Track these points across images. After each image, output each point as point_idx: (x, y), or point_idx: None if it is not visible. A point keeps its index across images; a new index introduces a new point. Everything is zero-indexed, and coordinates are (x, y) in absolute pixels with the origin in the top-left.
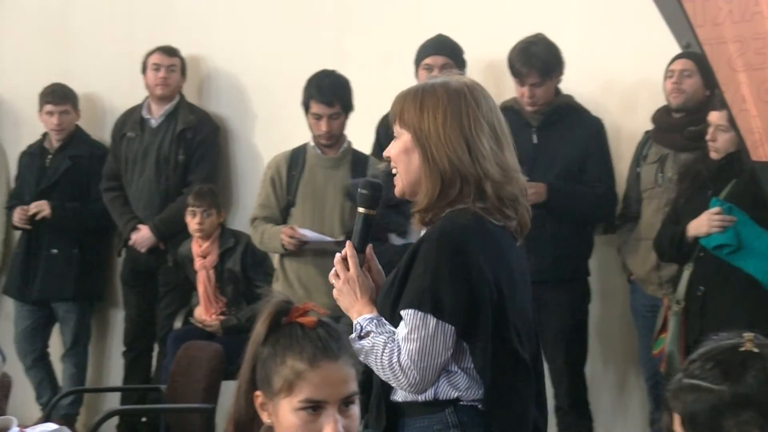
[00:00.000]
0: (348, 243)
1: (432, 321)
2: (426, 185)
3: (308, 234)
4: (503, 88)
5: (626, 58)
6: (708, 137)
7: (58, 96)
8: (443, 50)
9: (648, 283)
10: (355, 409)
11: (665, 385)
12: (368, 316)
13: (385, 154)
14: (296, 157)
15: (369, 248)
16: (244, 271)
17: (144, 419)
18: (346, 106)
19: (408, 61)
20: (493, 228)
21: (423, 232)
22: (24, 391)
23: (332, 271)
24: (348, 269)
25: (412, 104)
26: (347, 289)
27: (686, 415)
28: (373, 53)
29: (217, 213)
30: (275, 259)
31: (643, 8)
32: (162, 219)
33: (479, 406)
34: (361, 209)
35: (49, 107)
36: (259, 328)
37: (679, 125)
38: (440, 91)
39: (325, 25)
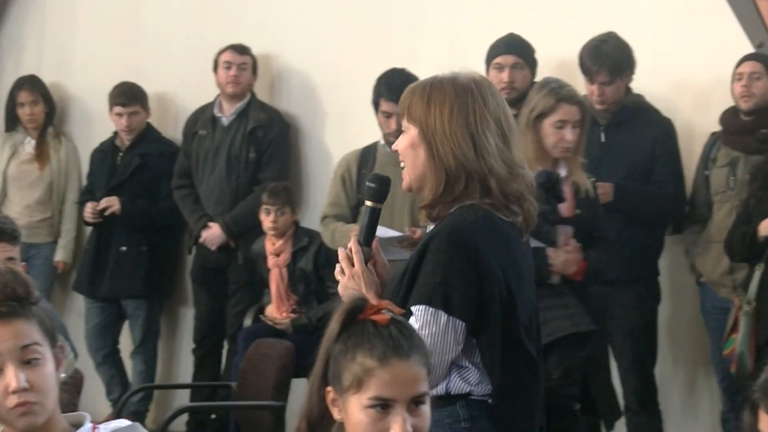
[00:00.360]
0: (353, 238)
1: (443, 317)
2: (431, 180)
3: (379, 231)
4: (575, 87)
5: (699, 56)
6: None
7: (127, 97)
8: (513, 49)
9: (721, 286)
10: (425, 409)
11: (742, 386)
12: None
13: (394, 147)
14: (366, 156)
15: (375, 242)
16: (317, 270)
17: (213, 416)
18: None
19: (479, 60)
20: (501, 224)
21: (429, 228)
22: (94, 388)
23: (337, 268)
24: (353, 265)
25: (420, 99)
26: (352, 285)
27: None
28: (444, 52)
29: (291, 211)
30: None
31: (717, 6)
32: (232, 217)
33: (489, 401)
34: (368, 203)
35: (118, 109)
36: (333, 325)
37: (749, 127)
38: (448, 86)
39: (397, 24)
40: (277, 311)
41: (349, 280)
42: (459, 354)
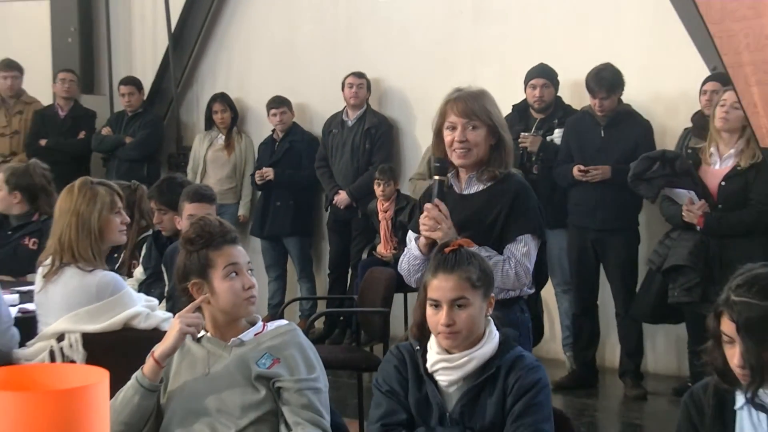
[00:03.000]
0: (437, 200)
1: (538, 241)
2: (496, 157)
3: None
4: (583, 99)
5: (669, 77)
6: (722, 111)
7: (277, 103)
8: (543, 74)
9: None
10: (467, 310)
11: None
12: (476, 248)
13: (463, 137)
14: None
15: (441, 203)
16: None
17: (342, 318)
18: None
19: (520, 81)
20: None
21: (480, 187)
22: (261, 297)
23: (423, 216)
24: (444, 216)
25: (486, 102)
26: (446, 227)
27: (741, 322)
28: (496, 76)
29: (393, 183)
30: None
31: (682, 40)
32: (354, 187)
33: (526, 298)
34: (435, 177)
35: (273, 111)
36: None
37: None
38: (490, 96)
39: (462, 55)
40: (384, 249)
41: (445, 224)
42: None
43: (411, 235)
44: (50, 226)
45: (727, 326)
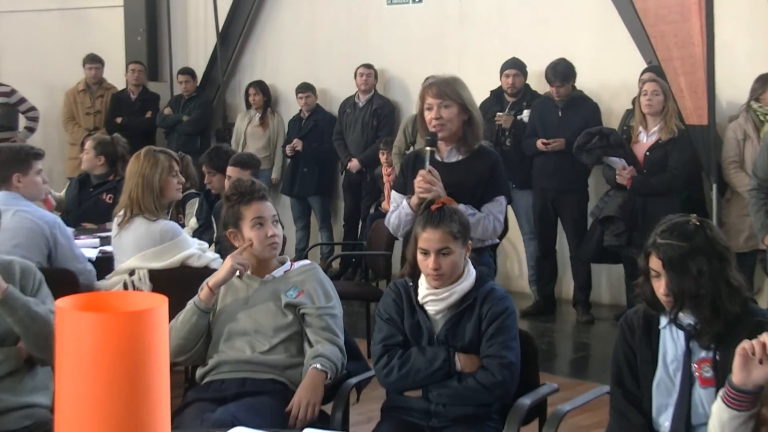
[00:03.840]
0: (429, 167)
1: (507, 202)
2: (469, 132)
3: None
4: (546, 86)
5: (613, 69)
6: (646, 99)
7: (303, 88)
8: (514, 66)
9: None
10: (450, 257)
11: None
12: (463, 206)
13: (440, 115)
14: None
15: (434, 170)
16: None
17: (353, 259)
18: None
19: (496, 72)
20: None
21: (460, 157)
22: (289, 243)
23: (419, 180)
24: (436, 179)
25: (459, 87)
26: (438, 188)
27: (666, 260)
28: (476, 68)
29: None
30: None
31: (624, 39)
32: (364, 156)
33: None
34: (427, 148)
35: (300, 94)
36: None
37: None
38: (462, 81)
39: (451, 51)
40: (387, 205)
41: (438, 186)
42: None
43: (396, 195)
44: (123, 185)
45: (655, 263)
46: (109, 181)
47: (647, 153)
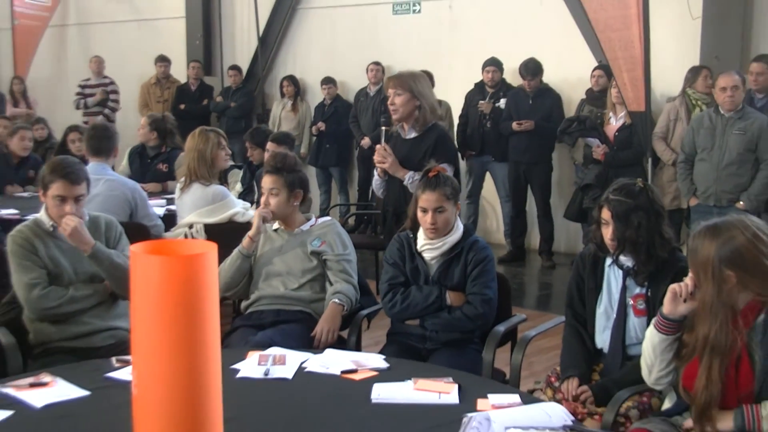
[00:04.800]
0: (384, 143)
1: (453, 168)
2: (420, 115)
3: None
4: (518, 80)
5: (571, 65)
6: (615, 91)
7: (326, 81)
8: (493, 63)
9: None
10: (444, 214)
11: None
12: (411, 173)
13: (394, 101)
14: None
15: (387, 145)
16: None
17: (365, 217)
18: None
19: (478, 69)
20: None
21: (415, 134)
22: (314, 203)
23: (377, 155)
24: (389, 153)
25: (414, 79)
26: (390, 160)
27: (615, 213)
28: (464, 66)
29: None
30: None
31: (580, 43)
32: (374, 134)
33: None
34: (383, 127)
35: (324, 86)
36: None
37: (598, 96)
38: (420, 74)
39: (443, 49)
40: None
41: (391, 159)
42: None
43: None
44: (175, 155)
45: (606, 214)
46: (162, 153)
47: (616, 133)
